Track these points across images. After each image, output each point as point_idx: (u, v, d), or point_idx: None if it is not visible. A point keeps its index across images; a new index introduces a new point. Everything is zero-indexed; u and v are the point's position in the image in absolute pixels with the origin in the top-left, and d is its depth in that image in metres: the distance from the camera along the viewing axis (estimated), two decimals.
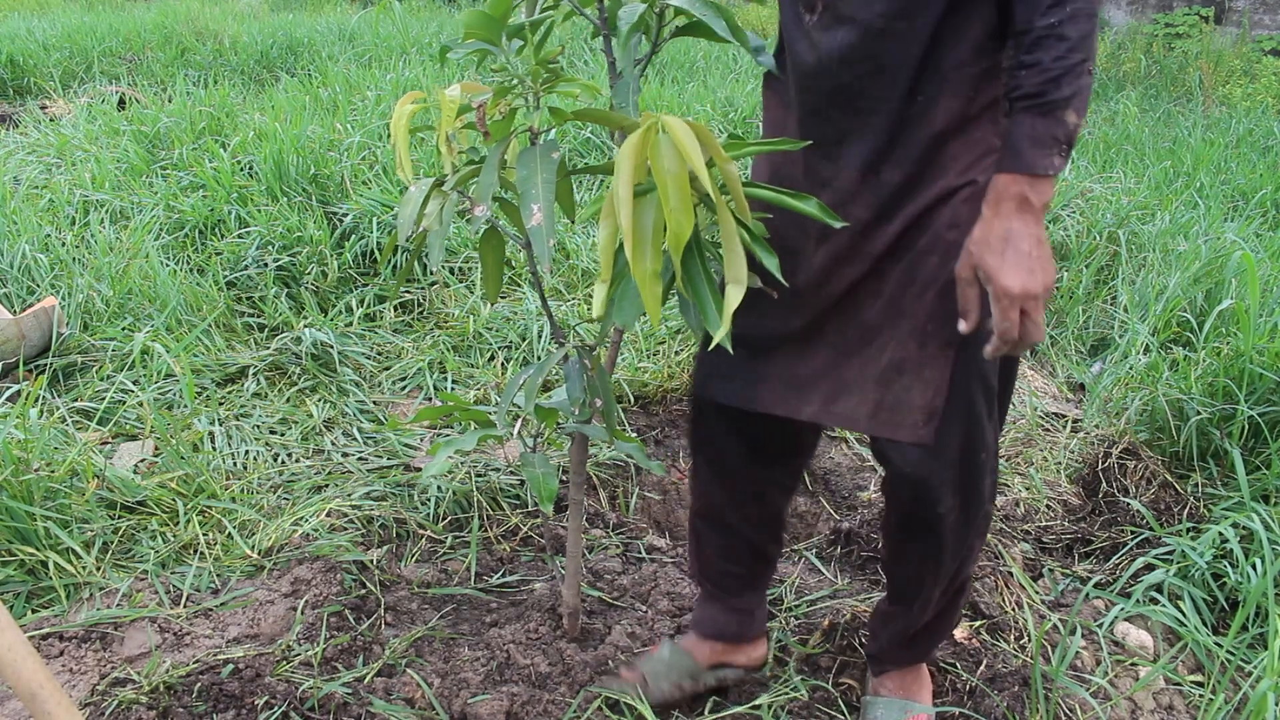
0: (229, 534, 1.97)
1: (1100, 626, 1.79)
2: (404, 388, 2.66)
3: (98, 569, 1.84)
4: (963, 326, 1.13)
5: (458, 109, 1.26)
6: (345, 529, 2.02)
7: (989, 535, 2.03)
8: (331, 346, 2.62)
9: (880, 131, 1.16)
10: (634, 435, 2.24)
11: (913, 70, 1.12)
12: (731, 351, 1.17)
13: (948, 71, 1.12)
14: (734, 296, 1.11)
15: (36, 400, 2.23)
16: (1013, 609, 1.82)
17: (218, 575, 1.87)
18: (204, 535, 1.95)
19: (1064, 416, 2.71)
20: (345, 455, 2.30)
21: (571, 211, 1.40)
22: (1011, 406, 2.74)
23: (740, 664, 1.62)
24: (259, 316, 2.91)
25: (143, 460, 2.19)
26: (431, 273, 3.08)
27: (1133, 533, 2.04)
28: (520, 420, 2.31)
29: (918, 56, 1.11)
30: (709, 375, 1.41)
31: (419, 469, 2.25)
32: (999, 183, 1.06)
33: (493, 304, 2.02)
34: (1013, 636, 1.75)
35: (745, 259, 1.12)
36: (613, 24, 1.29)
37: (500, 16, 1.22)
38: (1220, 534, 1.87)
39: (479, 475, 2.19)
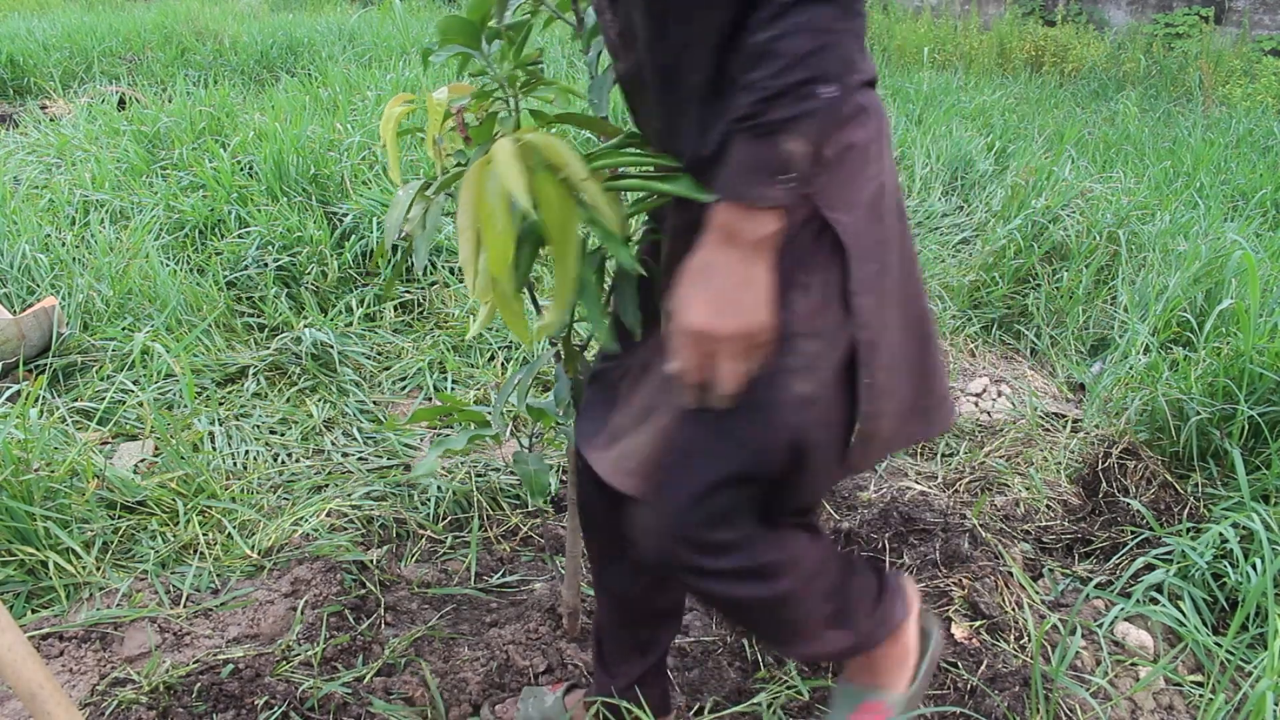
0: (229, 534, 1.97)
1: (1100, 626, 1.79)
2: (404, 388, 2.66)
3: (98, 569, 1.84)
4: (669, 366, 1.00)
5: (444, 112, 1.26)
6: (345, 529, 2.02)
7: (990, 536, 2.03)
8: (331, 346, 2.62)
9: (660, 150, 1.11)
10: None
11: (676, 92, 1.02)
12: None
13: (692, 91, 1.01)
14: (551, 314, 1.09)
15: (36, 400, 2.23)
16: (1013, 609, 1.82)
17: (218, 575, 1.87)
18: (204, 535, 1.95)
19: (1064, 416, 2.71)
20: (345, 455, 2.31)
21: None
22: (1011, 406, 2.75)
23: None
24: (259, 316, 2.91)
25: (143, 460, 2.19)
26: (421, 274, 3.09)
27: (1133, 533, 2.04)
28: (517, 420, 2.31)
29: (679, 78, 1.02)
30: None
31: None
32: (712, 210, 0.93)
33: (485, 304, 2.03)
34: (1013, 636, 1.75)
35: (573, 278, 1.07)
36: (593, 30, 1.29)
37: (478, 21, 1.21)
38: (1220, 534, 1.87)
39: (479, 475, 2.19)
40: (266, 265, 3.02)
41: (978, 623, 1.78)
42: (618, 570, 1.34)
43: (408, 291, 3.06)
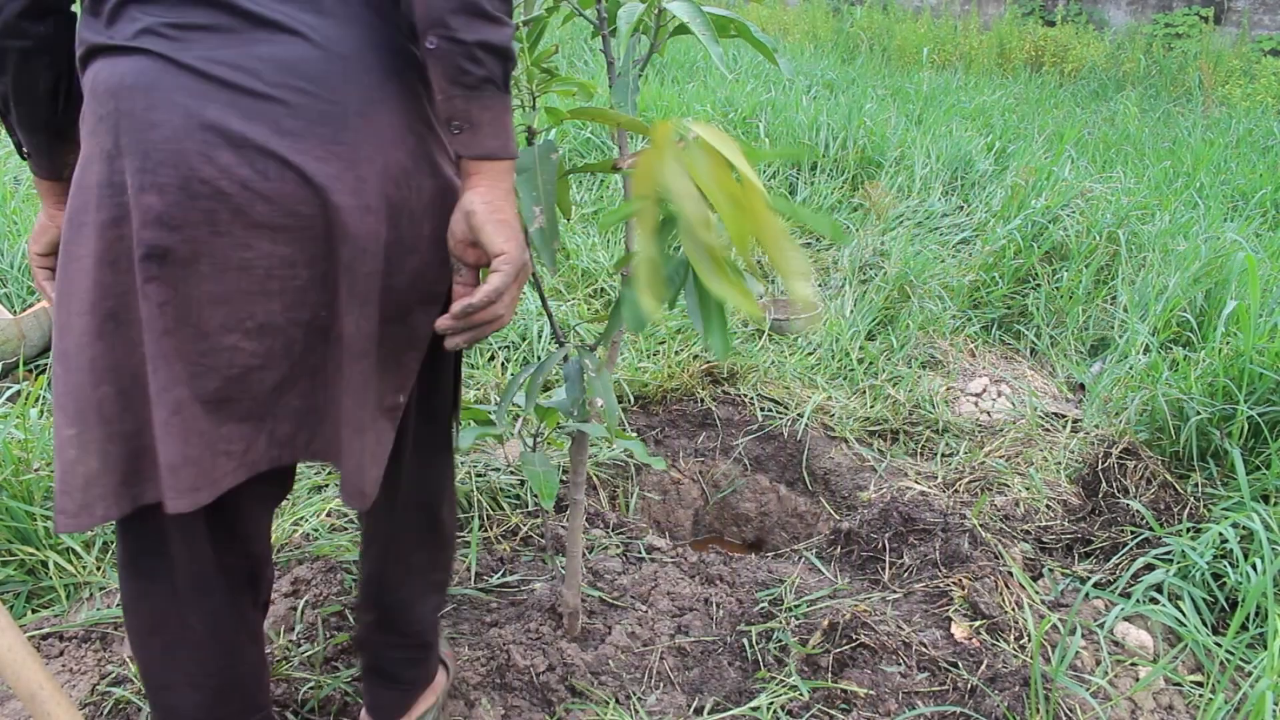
0: None
1: (1100, 626, 1.79)
2: None
3: (98, 569, 1.84)
4: (485, 301, 1.05)
5: None
6: (345, 529, 2.02)
7: (990, 536, 2.03)
8: None
9: None
10: (634, 435, 2.24)
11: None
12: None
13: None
14: (803, 289, 1.01)
15: (37, 400, 2.23)
16: (1013, 609, 1.82)
17: None
18: None
19: (1064, 416, 2.71)
20: None
21: (568, 210, 1.40)
22: (1011, 406, 2.75)
23: None
24: None
25: None
26: None
27: (1133, 533, 2.04)
28: (520, 420, 2.31)
29: None
30: None
31: None
32: (477, 161, 1.01)
33: None
34: (1013, 636, 1.75)
35: (792, 250, 1.02)
36: (612, 24, 1.29)
37: None
38: (1220, 534, 1.87)
39: (479, 475, 2.19)
40: None
41: (978, 623, 1.78)
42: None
43: None
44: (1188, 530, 1.98)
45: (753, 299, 1.03)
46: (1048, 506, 2.24)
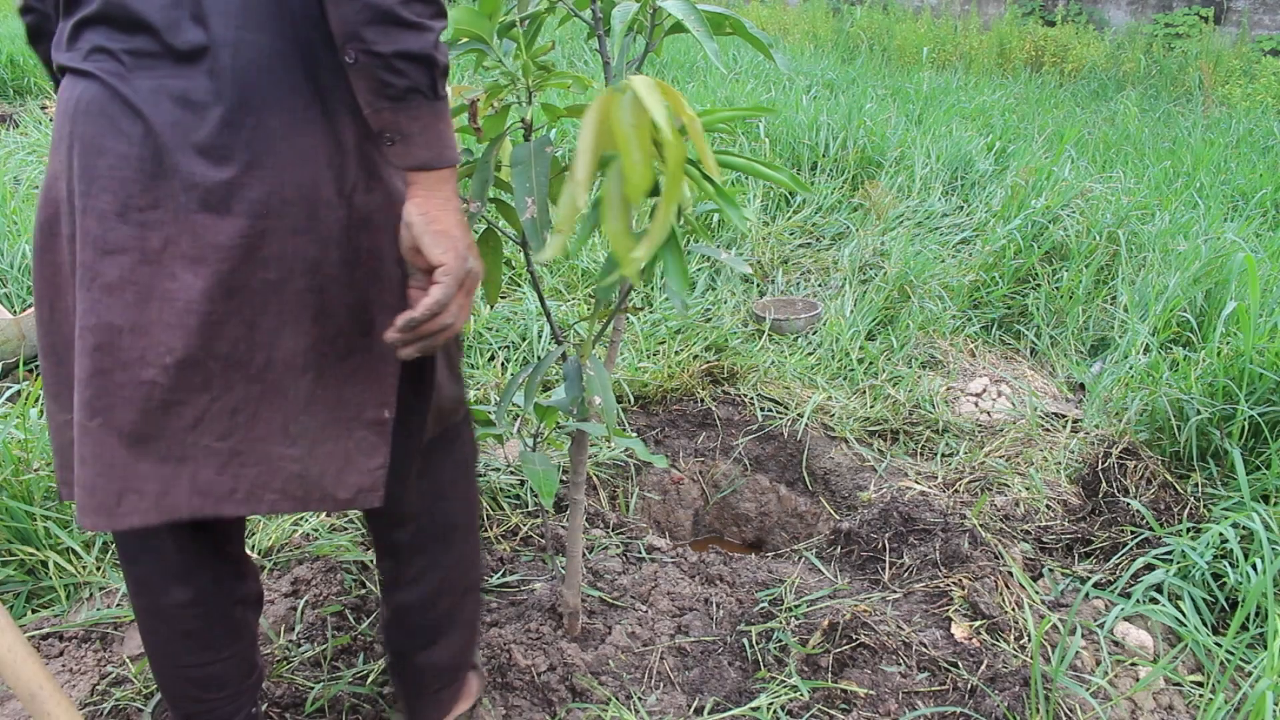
0: None
1: (1100, 626, 1.79)
2: None
3: (98, 569, 1.84)
4: (429, 313, 1.04)
5: (451, 109, 1.27)
6: (345, 529, 2.02)
7: (990, 536, 2.03)
8: None
9: None
10: (633, 435, 2.24)
11: None
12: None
13: None
14: (654, 235, 1.05)
15: (37, 400, 2.23)
16: (1013, 609, 1.82)
17: None
18: None
19: (1064, 416, 2.71)
20: None
21: None
22: (1011, 406, 2.75)
23: None
24: None
25: None
26: None
27: (1133, 533, 2.04)
28: (520, 419, 2.31)
29: None
30: None
31: None
32: (419, 173, 1.02)
33: (492, 305, 2.03)
34: (1013, 636, 1.75)
35: (674, 208, 1.07)
36: (607, 24, 1.29)
37: (490, 14, 1.22)
38: (1220, 534, 1.87)
39: (479, 475, 2.19)
40: None
41: (978, 623, 1.78)
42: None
43: None
44: (1188, 530, 1.98)
45: (629, 249, 1.07)
46: (1048, 506, 2.24)
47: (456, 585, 1.34)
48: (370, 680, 1.63)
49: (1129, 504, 2.11)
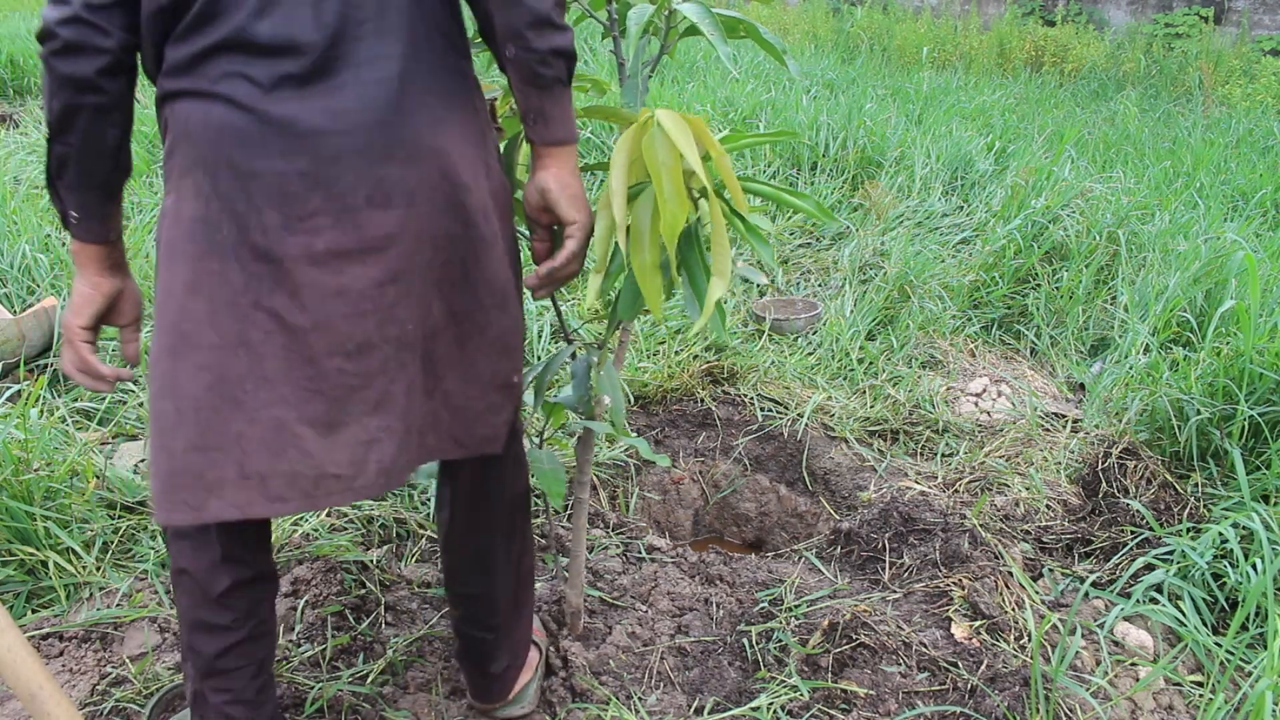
0: None
1: (1100, 626, 1.79)
2: None
3: (98, 569, 1.84)
4: (565, 263, 1.21)
5: None
6: (345, 529, 2.02)
7: (990, 536, 2.03)
8: None
9: None
10: (633, 435, 2.24)
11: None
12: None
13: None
14: (716, 289, 1.14)
15: (37, 400, 2.23)
16: (1013, 609, 1.82)
17: None
18: None
19: (1064, 416, 2.71)
20: None
21: None
22: (1011, 406, 2.75)
23: None
24: None
25: (143, 460, 2.19)
26: None
27: (1133, 533, 2.04)
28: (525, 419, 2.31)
29: None
30: None
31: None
32: (550, 145, 1.16)
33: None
34: (1013, 636, 1.75)
35: (729, 253, 1.15)
36: (622, 26, 1.30)
37: None
38: (1220, 534, 1.87)
39: None
40: None
41: (978, 623, 1.78)
42: None
43: None
44: (1188, 530, 1.98)
45: (658, 294, 1.17)
46: (1048, 506, 2.24)
47: (521, 570, 1.44)
48: (370, 680, 1.63)
49: (1129, 504, 2.11)
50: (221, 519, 1.04)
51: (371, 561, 1.90)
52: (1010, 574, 1.91)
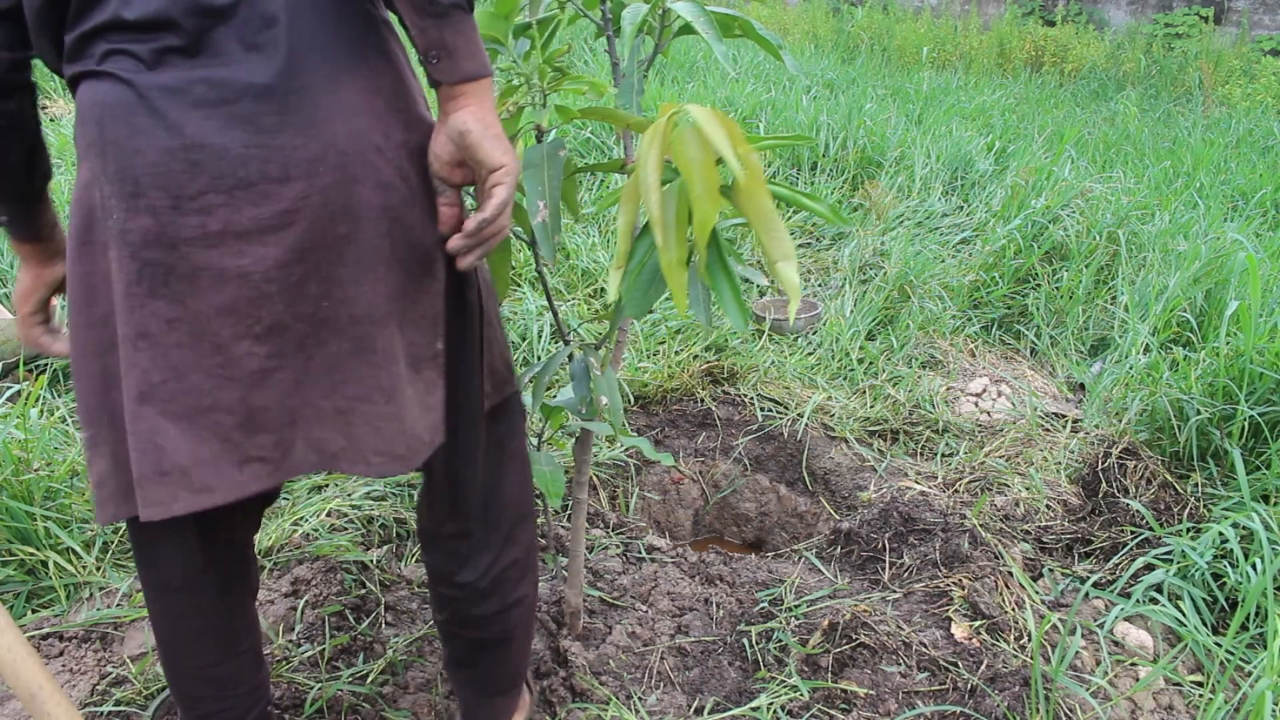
0: None
1: (1100, 626, 1.79)
2: None
3: (98, 569, 1.84)
4: (491, 214, 1.09)
5: None
6: (345, 529, 2.02)
7: (990, 536, 2.03)
8: None
9: None
10: (633, 435, 2.24)
11: None
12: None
13: None
14: (789, 272, 1.10)
15: (37, 400, 2.23)
16: (1013, 609, 1.82)
17: None
18: None
19: (1064, 416, 2.71)
20: None
21: (575, 209, 1.40)
22: (1011, 406, 2.75)
23: None
24: None
25: None
26: None
27: (1133, 533, 2.04)
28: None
29: None
30: None
31: None
32: (462, 84, 1.04)
33: (499, 303, 2.05)
34: (1013, 636, 1.75)
35: (786, 234, 1.10)
36: (616, 25, 1.29)
37: (505, 15, 1.23)
38: (1220, 534, 1.87)
39: None
40: None
41: (978, 623, 1.78)
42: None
43: None
44: (1188, 530, 1.98)
45: (684, 290, 1.11)
46: (1048, 506, 2.24)
47: (517, 584, 1.32)
48: (370, 680, 1.63)
49: (1129, 504, 2.11)
50: (148, 519, 0.98)
51: (371, 561, 1.90)
52: (1010, 574, 1.91)
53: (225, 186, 0.92)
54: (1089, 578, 1.93)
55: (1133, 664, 1.73)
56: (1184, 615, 1.80)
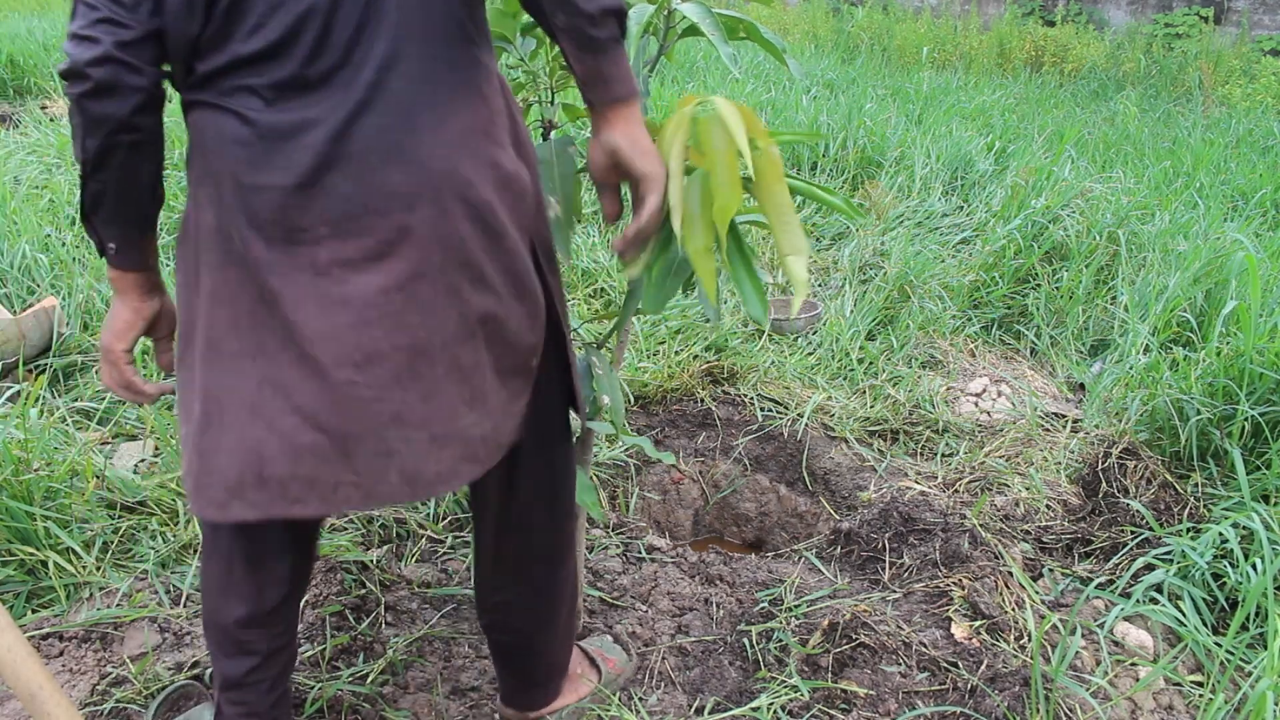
0: None
1: (1100, 626, 1.79)
2: None
3: (98, 569, 1.84)
4: (649, 216, 1.18)
5: None
6: (345, 529, 2.02)
7: (990, 536, 2.03)
8: None
9: None
10: (634, 434, 2.24)
11: None
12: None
13: None
14: (798, 267, 1.12)
15: (37, 400, 2.23)
16: (1013, 609, 1.82)
17: None
18: None
19: (1064, 416, 2.71)
20: None
21: (579, 211, 1.41)
22: (1011, 406, 2.75)
23: None
24: None
25: (143, 460, 2.19)
26: None
27: (1133, 533, 2.04)
28: None
29: None
30: None
31: None
32: (615, 103, 1.13)
33: None
34: (1013, 636, 1.75)
35: (800, 229, 1.13)
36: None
37: (514, 14, 1.23)
38: (1220, 534, 1.87)
39: None
40: None
41: (978, 623, 1.78)
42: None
43: None
44: (1188, 530, 1.98)
45: (713, 278, 1.15)
46: (1048, 506, 2.24)
47: (560, 598, 1.42)
48: (370, 680, 1.63)
49: (1129, 504, 2.11)
50: (244, 520, 1.05)
51: (371, 561, 1.90)
52: (1010, 574, 1.91)
53: (333, 219, 0.99)
54: (1089, 578, 1.93)
55: (1133, 664, 1.73)
56: (1184, 615, 1.80)
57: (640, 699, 1.62)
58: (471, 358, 1.08)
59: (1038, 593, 1.90)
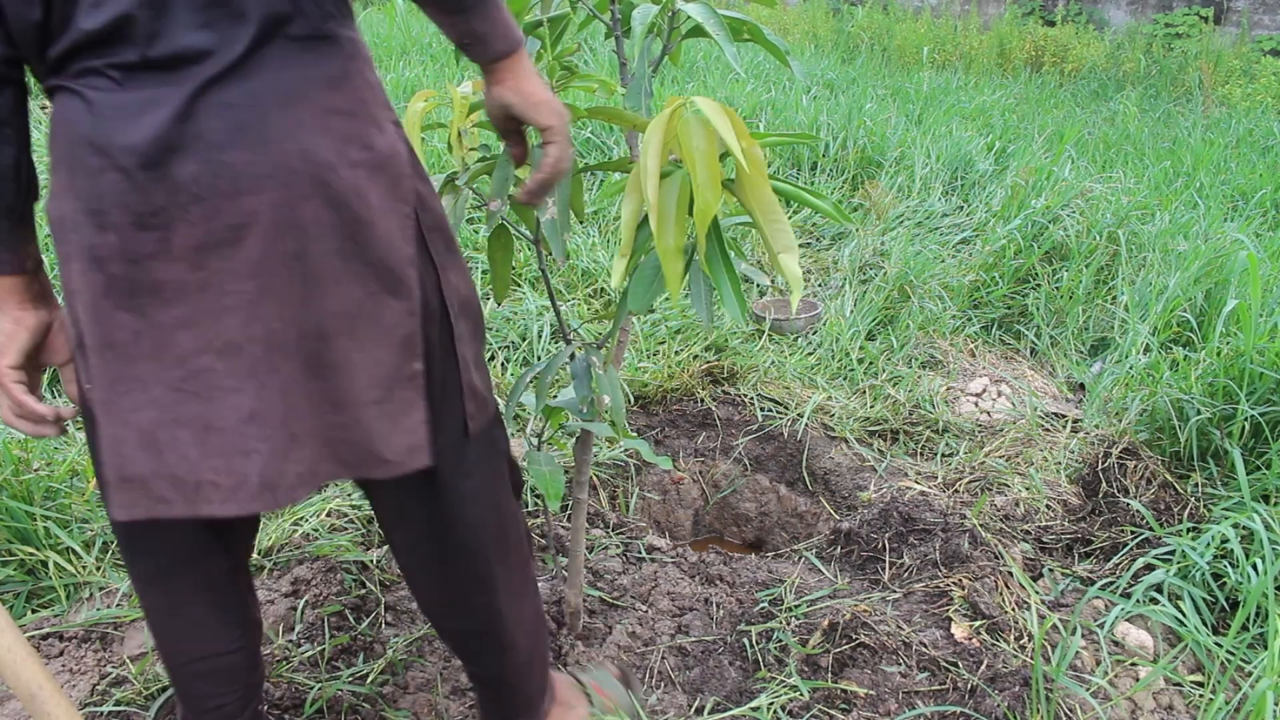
0: None
1: (1100, 626, 1.79)
2: None
3: (98, 569, 1.84)
4: (553, 164, 1.17)
5: (470, 106, 1.28)
6: (345, 529, 2.02)
7: (990, 536, 2.03)
8: None
9: None
10: (633, 435, 2.24)
11: None
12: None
13: None
14: (791, 264, 1.12)
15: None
16: (1013, 609, 1.82)
17: None
18: None
19: (1064, 416, 2.71)
20: None
21: (580, 211, 1.40)
22: (1011, 406, 2.75)
23: None
24: None
25: None
26: None
27: (1133, 533, 2.04)
28: (531, 419, 2.31)
29: None
30: None
31: None
32: (505, 56, 1.10)
33: (500, 303, 2.03)
34: (1013, 636, 1.75)
35: (789, 228, 1.13)
36: (626, 25, 1.30)
37: (518, 13, 1.23)
38: (1220, 534, 1.87)
39: None
40: None
41: (978, 623, 1.78)
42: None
43: None
44: (1188, 530, 1.98)
45: (678, 278, 1.14)
46: (1048, 506, 2.24)
47: (513, 607, 1.29)
48: (370, 680, 1.63)
49: (1129, 504, 2.11)
50: (115, 519, 1.01)
51: (371, 561, 1.90)
52: (1010, 574, 1.91)
53: (181, 202, 0.92)
54: (1089, 578, 1.93)
55: (1133, 664, 1.73)
56: (1184, 615, 1.80)
57: (640, 699, 1.62)
58: (335, 355, 1.00)
59: (1038, 593, 1.90)
